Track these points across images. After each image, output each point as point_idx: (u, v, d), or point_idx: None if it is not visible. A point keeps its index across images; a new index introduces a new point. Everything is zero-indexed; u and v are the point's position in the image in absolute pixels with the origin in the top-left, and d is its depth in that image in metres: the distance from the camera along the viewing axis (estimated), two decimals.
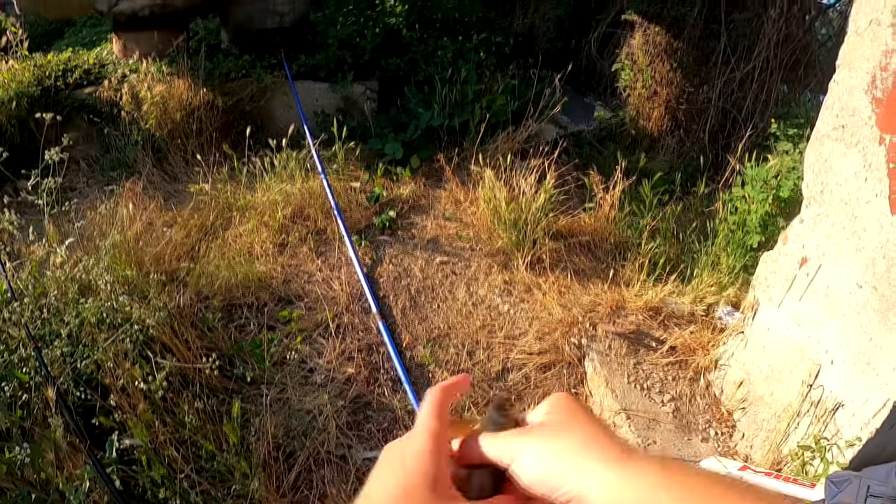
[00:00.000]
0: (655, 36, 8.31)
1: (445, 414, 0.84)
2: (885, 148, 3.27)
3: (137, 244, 4.91)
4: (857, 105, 3.45)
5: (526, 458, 0.76)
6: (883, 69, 3.28)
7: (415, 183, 6.73)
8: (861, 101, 3.42)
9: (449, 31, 8.62)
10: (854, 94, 3.47)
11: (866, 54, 3.39)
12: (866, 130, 3.39)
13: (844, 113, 3.53)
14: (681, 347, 4.62)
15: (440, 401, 0.85)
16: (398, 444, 0.81)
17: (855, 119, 3.46)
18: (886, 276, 3.25)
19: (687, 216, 6.06)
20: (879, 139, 3.31)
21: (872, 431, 3.34)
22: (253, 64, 7.56)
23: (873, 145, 3.34)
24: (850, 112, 3.48)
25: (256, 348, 4.46)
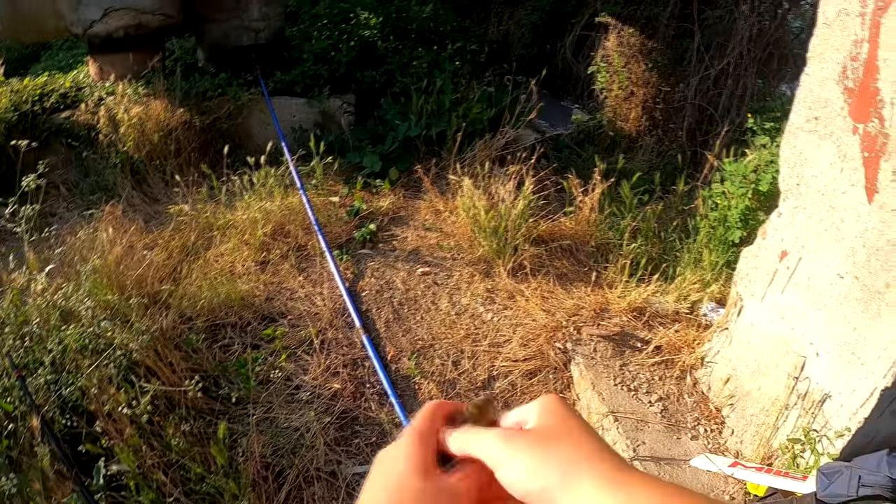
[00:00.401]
0: (630, 37, 8.33)
1: (435, 418, 0.84)
2: (859, 137, 3.28)
3: (118, 268, 4.87)
4: (829, 96, 3.46)
5: (513, 467, 0.75)
6: (853, 59, 3.29)
7: (394, 195, 6.72)
8: (833, 92, 3.43)
9: (424, 41, 8.64)
10: (826, 85, 3.48)
11: (836, 45, 3.40)
12: (839, 121, 3.40)
13: (817, 105, 3.54)
14: (666, 347, 4.62)
15: (432, 409, 0.86)
16: (387, 448, 0.83)
17: (828, 110, 3.47)
18: (867, 266, 3.25)
19: (668, 215, 6.06)
20: (853, 129, 3.32)
21: (861, 421, 3.34)
22: (229, 82, 7.54)
23: (847, 135, 3.35)
24: (823, 103, 3.50)
25: (241, 368, 4.44)
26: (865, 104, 3.25)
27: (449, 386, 4.56)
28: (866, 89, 3.24)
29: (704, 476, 3.76)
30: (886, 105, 3.13)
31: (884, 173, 3.16)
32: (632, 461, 3.79)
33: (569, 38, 9.56)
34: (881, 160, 3.17)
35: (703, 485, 3.72)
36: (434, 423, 0.83)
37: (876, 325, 3.24)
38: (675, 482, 3.60)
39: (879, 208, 3.19)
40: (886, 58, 3.13)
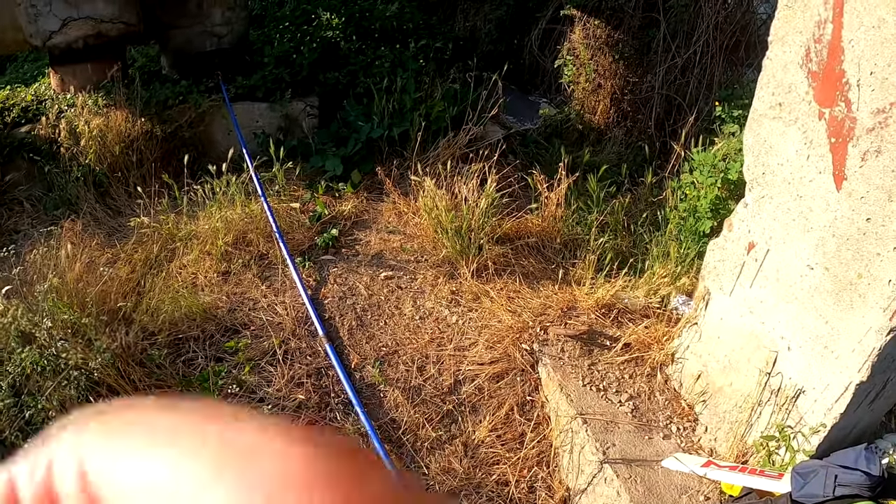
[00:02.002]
0: (595, 29, 8.26)
1: None
2: (825, 123, 3.19)
3: (78, 285, 4.77)
4: (792, 81, 3.36)
5: None
6: (817, 41, 3.19)
7: (357, 198, 6.61)
8: (797, 77, 3.33)
9: (388, 40, 8.54)
10: (789, 69, 3.38)
11: (798, 27, 3.30)
12: (804, 106, 3.30)
13: (780, 90, 3.44)
14: (636, 344, 4.54)
15: None
16: None
17: (792, 95, 3.37)
18: (837, 256, 3.17)
19: (637, 207, 6.01)
20: (819, 114, 3.22)
21: (837, 416, 3.30)
22: (190, 89, 7.40)
23: (813, 121, 3.26)
24: (787, 89, 3.39)
25: (204, 382, 4.35)
26: (831, 88, 3.15)
27: (414, 392, 4.48)
28: (831, 72, 3.14)
29: (677, 476, 3.68)
30: (853, 88, 3.04)
31: (852, 159, 3.06)
32: (602, 464, 3.71)
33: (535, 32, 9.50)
34: (849, 145, 3.08)
35: (676, 486, 3.63)
36: None
37: (849, 318, 3.16)
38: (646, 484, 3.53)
39: (848, 196, 3.10)
40: (851, 38, 3.02)
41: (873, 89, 2.94)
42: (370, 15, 8.92)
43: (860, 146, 3.01)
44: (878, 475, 3.10)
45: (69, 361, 3.96)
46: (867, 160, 2.99)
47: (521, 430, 4.26)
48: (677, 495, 3.58)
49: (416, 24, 9.14)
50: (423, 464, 4.05)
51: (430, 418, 4.29)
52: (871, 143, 2.96)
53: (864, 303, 3.07)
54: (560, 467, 4.09)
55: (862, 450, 3.28)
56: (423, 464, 4.05)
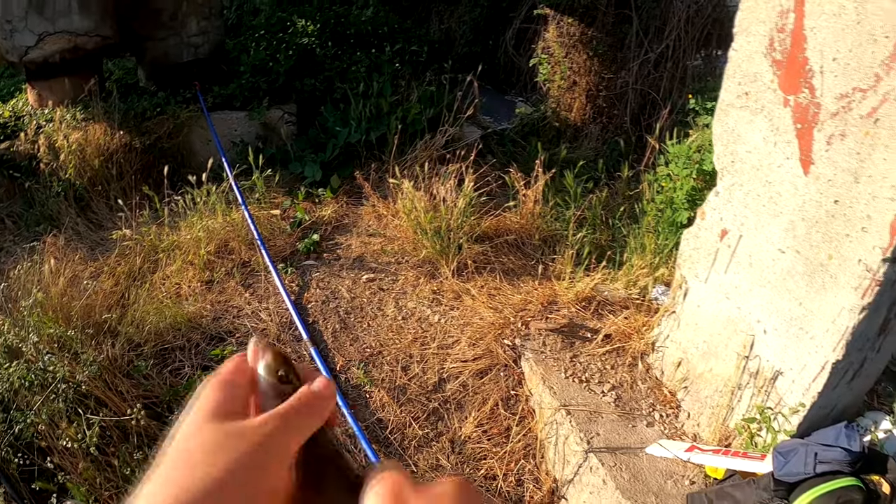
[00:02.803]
0: (569, 27, 8.32)
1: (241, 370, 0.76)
2: (791, 110, 3.25)
3: (62, 300, 4.79)
4: (758, 70, 3.42)
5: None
6: (780, 30, 3.25)
7: (337, 202, 6.65)
8: (762, 66, 3.39)
9: (364, 45, 8.58)
10: (754, 59, 3.44)
11: (762, 17, 3.36)
12: (770, 94, 3.36)
13: (746, 79, 3.50)
14: (616, 334, 4.58)
15: (238, 361, 0.77)
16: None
17: (757, 84, 3.43)
18: (808, 239, 3.22)
19: (615, 201, 6.07)
20: (784, 101, 3.28)
21: (815, 395, 3.34)
22: (168, 100, 7.43)
23: (778, 108, 3.32)
24: (752, 78, 3.46)
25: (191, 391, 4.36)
26: (795, 75, 3.21)
27: (400, 392, 4.50)
28: (795, 60, 3.20)
29: (662, 462, 3.72)
30: (816, 74, 3.10)
31: (818, 144, 3.12)
32: (586, 454, 3.75)
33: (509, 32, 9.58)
34: (814, 130, 3.13)
35: (661, 471, 3.67)
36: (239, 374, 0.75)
37: (821, 298, 3.21)
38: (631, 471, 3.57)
39: (816, 179, 3.15)
40: (813, 26, 3.08)
41: (836, 75, 3.00)
42: (345, 20, 8.96)
43: (825, 131, 3.06)
44: (859, 451, 3.14)
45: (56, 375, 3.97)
46: (833, 144, 3.04)
47: (507, 424, 4.29)
48: (662, 480, 3.61)
49: (392, 28, 9.18)
50: (410, 462, 4.07)
51: (416, 417, 4.31)
52: (835, 128, 3.02)
53: (836, 283, 3.12)
54: (546, 459, 4.13)
55: (842, 427, 3.33)
56: (411, 462, 4.08)
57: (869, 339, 3.29)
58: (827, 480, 3.06)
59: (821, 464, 3.14)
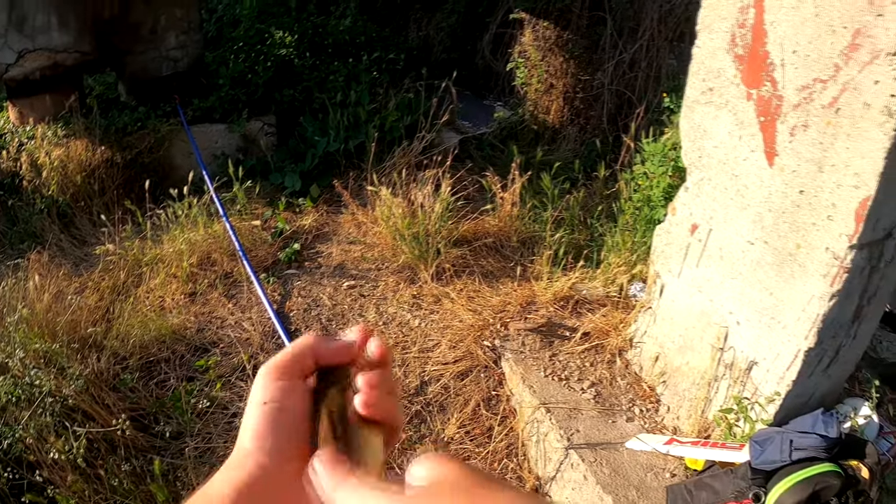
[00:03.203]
0: (545, 30, 8.38)
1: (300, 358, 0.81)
2: (754, 103, 3.30)
3: (48, 315, 4.81)
4: (721, 66, 3.48)
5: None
6: (741, 26, 3.31)
7: (317, 212, 6.69)
8: (725, 61, 3.45)
9: (342, 55, 8.61)
10: (717, 55, 3.49)
11: (723, 14, 3.42)
12: (733, 89, 3.42)
13: (710, 76, 3.56)
14: (594, 332, 4.62)
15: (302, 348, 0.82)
16: None
17: (721, 80, 3.48)
18: (775, 229, 3.27)
19: (593, 201, 6.12)
20: (747, 95, 3.34)
21: (789, 384, 3.38)
22: (148, 115, 7.43)
23: (742, 103, 3.37)
24: (716, 74, 3.51)
25: (177, 402, 4.40)
26: (757, 69, 3.27)
27: None
28: (756, 54, 3.26)
29: (642, 456, 3.75)
30: (777, 67, 3.15)
31: (781, 135, 3.17)
32: (567, 451, 3.78)
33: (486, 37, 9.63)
34: (777, 122, 3.18)
35: (641, 465, 3.71)
36: (297, 362, 0.80)
37: (791, 288, 3.26)
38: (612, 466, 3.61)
39: (780, 171, 3.20)
40: (773, 20, 3.14)
41: (797, 67, 3.05)
42: (323, 31, 8.99)
43: (788, 122, 3.12)
44: (835, 437, 3.18)
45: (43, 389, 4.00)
46: (796, 135, 3.09)
47: (489, 424, 4.32)
48: (643, 474, 3.65)
49: (370, 37, 9.22)
50: (395, 465, 4.11)
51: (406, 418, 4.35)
52: (798, 119, 3.07)
53: (805, 272, 3.17)
54: (529, 457, 4.16)
55: (819, 414, 3.38)
56: (396, 465, 4.11)
57: (842, 325, 3.33)
58: (804, 467, 3.09)
59: (796, 451, 3.17)
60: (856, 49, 2.80)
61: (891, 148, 2.75)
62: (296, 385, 0.79)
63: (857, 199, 2.88)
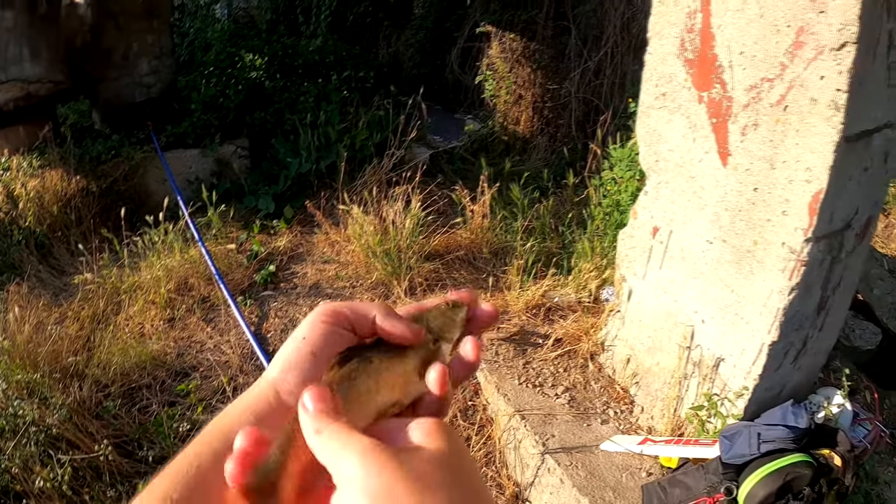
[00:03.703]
0: (511, 42, 8.46)
1: (332, 325, 0.79)
2: (705, 105, 3.37)
3: (29, 346, 4.83)
4: (672, 71, 3.55)
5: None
6: (689, 31, 3.38)
7: (291, 233, 6.73)
8: (675, 66, 3.52)
9: (312, 75, 8.67)
10: (668, 60, 3.57)
11: (672, 20, 3.50)
12: (685, 93, 3.49)
13: (662, 81, 3.63)
14: (566, 338, 4.66)
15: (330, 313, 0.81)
16: None
17: (673, 84, 3.56)
18: (732, 227, 3.34)
19: (563, 209, 6.16)
20: (698, 98, 3.41)
21: (756, 378, 3.42)
22: (122, 142, 7.44)
23: (694, 105, 3.44)
24: (668, 79, 3.59)
25: (159, 427, 4.42)
26: (706, 72, 3.34)
27: None
28: (705, 58, 3.33)
29: (618, 457, 3.79)
30: (726, 69, 3.22)
31: (733, 135, 3.24)
32: (542, 456, 3.82)
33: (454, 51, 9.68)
34: (729, 123, 3.25)
35: (617, 466, 3.74)
36: (353, 315, 0.80)
37: (751, 284, 3.32)
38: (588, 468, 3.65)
39: (734, 170, 3.27)
40: (720, 23, 3.22)
41: (744, 68, 3.12)
42: (293, 52, 9.05)
43: (739, 122, 3.19)
44: (804, 428, 3.23)
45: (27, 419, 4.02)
46: (747, 134, 3.16)
47: (467, 434, 4.34)
48: (619, 474, 3.68)
49: (340, 56, 9.26)
50: None
51: None
52: (748, 118, 3.14)
53: (763, 267, 3.23)
54: (507, 465, 4.19)
55: (788, 406, 3.43)
56: None
57: (807, 317, 3.39)
58: (774, 459, 3.13)
59: (764, 443, 3.22)
60: (800, 47, 2.87)
61: (839, 141, 2.81)
62: (339, 335, 0.79)
63: (810, 193, 2.94)
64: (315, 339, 0.77)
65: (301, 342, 0.77)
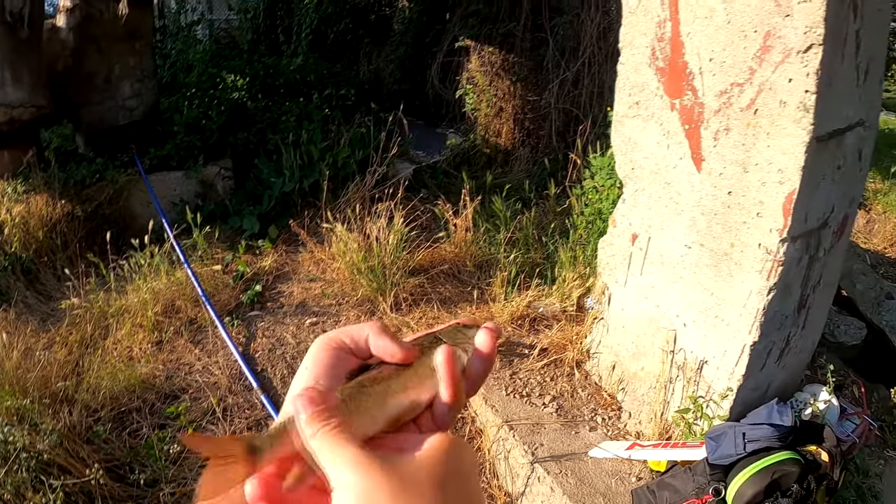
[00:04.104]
0: (490, 55, 8.51)
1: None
2: (678, 112, 3.42)
3: (17, 372, 4.83)
4: (644, 80, 3.60)
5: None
6: (660, 39, 3.43)
7: (276, 252, 6.75)
8: (647, 75, 3.57)
9: (293, 94, 8.70)
10: (640, 70, 3.62)
11: (643, 29, 3.55)
12: (658, 101, 3.54)
13: (635, 90, 3.68)
14: (552, 347, 4.70)
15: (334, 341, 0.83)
16: None
17: (645, 93, 3.60)
18: (709, 231, 3.38)
19: (546, 219, 6.18)
20: (671, 105, 3.45)
21: (740, 378, 3.46)
22: (106, 166, 7.45)
23: (667, 113, 3.49)
24: (640, 88, 3.64)
25: (150, 450, 4.42)
26: (677, 80, 3.38)
27: None
28: (676, 65, 3.38)
29: (608, 463, 3.81)
30: (696, 76, 3.26)
31: (706, 141, 3.28)
32: (532, 465, 3.84)
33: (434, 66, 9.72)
34: (701, 129, 3.30)
35: (607, 472, 3.76)
36: (351, 342, 0.82)
37: (730, 286, 3.35)
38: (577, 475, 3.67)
39: (709, 175, 3.31)
40: (689, 31, 3.26)
41: (714, 74, 3.17)
42: (274, 71, 9.08)
43: (711, 127, 3.23)
44: (789, 426, 3.25)
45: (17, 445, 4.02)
46: (719, 139, 3.21)
47: None
48: (609, 480, 3.70)
49: (320, 75, 9.30)
50: None
51: None
52: (720, 123, 3.18)
53: (741, 269, 3.27)
54: (497, 475, 4.21)
55: (774, 405, 3.46)
56: None
57: (787, 316, 3.43)
58: (761, 457, 3.16)
59: (750, 442, 3.25)
60: (768, 51, 2.91)
61: (810, 141, 2.86)
62: (342, 360, 0.80)
63: (783, 194, 2.99)
64: (319, 368, 0.79)
65: (306, 372, 0.79)
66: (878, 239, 7.65)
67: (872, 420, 3.90)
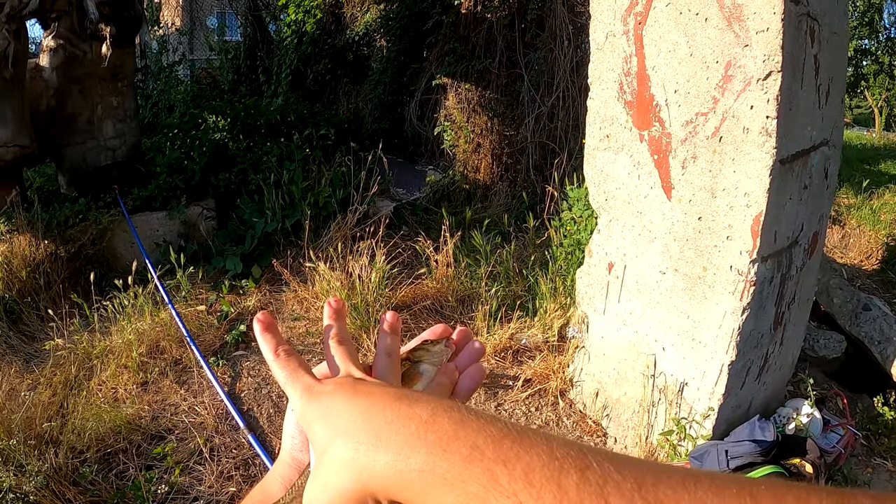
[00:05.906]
0: (467, 92, 8.61)
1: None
2: (647, 144, 3.52)
3: (2, 413, 4.83)
4: (613, 113, 3.69)
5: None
6: (626, 74, 3.53)
7: (260, 292, 6.78)
8: (616, 109, 3.67)
9: (274, 134, 8.75)
10: (609, 104, 3.71)
11: (610, 65, 3.65)
12: (627, 133, 3.63)
13: (605, 123, 3.77)
14: (535, 377, 4.74)
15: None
16: None
17: (615, 126, 3.70)
18: (682, 256, 3.46)
19: (526, 252, 6.23)
20: (640, 137, 3.55)
21: (720, 398, 3.52)
22: (89, 206, 7.46)
23: (636, 144, 3.58)
24: (610, 121, 3.73)
25: (137, 491, 4.42)
26: (645, 112, 3.48)
27: None
28: (643, 98, 3.47)
29: None
30: (663, 108, 3.36)
31: (675, 169, 3.37)
32: None
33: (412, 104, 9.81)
34: (669, 158, 3.39)
35: None
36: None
37: (705, 308, 3.43)
38: None
39: (679, 202, 3.40)
40: (654, 65, 3.36)
41: (679, 105, 3.26)
42: (255, 112, 9.13)
43: (678, 156, 3.32)
44: (771, 440, 3.32)
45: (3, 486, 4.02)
46: (687, 167, 3.29)
47: None
48: None
49: (301, 115, 9.36)
50: None
51: None
52: (687, 152, 3.28)
53: (714, 291, 3.35)
54: None
55: (756, 421, 3.52)
56: None
57: (763, 334, 3.51)
58: (745, 473, 3.21)
59: (733, 459, 3.31)
60: (729, 80, 3.01)
61: (773, 164, 2.95)
62: None
63: (751, 217, 3.08)
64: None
65: (292, 412, 0.83)
66: (855, 252, 7.74)
67: (857, 430, 3.96)
